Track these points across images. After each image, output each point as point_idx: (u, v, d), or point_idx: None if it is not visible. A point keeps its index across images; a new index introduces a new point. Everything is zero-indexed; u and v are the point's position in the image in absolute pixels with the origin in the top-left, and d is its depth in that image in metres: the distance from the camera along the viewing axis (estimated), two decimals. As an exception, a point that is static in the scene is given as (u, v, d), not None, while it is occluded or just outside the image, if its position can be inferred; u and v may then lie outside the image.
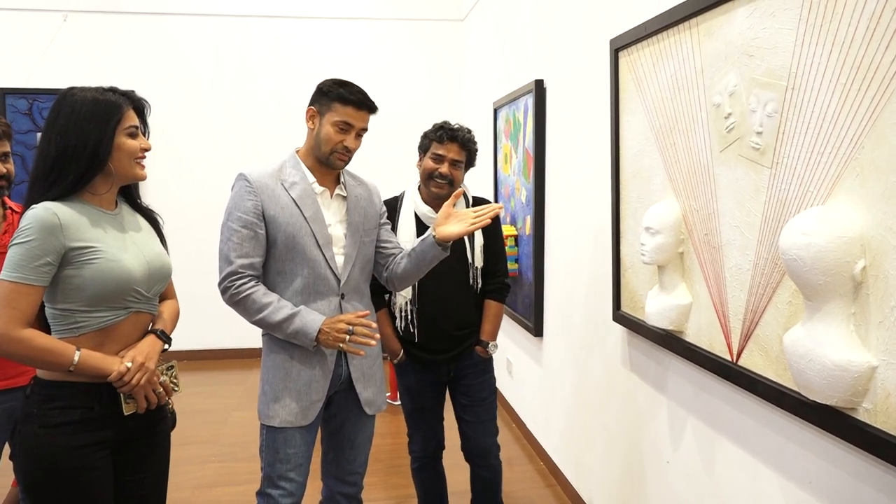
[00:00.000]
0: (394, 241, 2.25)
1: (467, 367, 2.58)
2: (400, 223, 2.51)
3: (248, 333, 5.33)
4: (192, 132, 5.56)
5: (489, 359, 2.61)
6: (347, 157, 2.03)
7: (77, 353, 1.55)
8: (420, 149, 2.53)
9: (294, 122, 5.09)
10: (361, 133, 2.04)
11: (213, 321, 5.36)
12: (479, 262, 2.55)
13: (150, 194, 5.18)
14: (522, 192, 3.89)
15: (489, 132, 4.63)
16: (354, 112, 1.99)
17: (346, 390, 2.11)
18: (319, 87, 2.03)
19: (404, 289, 2.31)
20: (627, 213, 2.42)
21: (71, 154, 1.57)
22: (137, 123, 1.67)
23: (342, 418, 2.15)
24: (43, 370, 1.60)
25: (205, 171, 5.54)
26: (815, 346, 1.38)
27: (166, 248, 1.80)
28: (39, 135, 1.63)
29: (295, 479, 2.04)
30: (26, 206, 1.57)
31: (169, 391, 1.77)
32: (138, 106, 1.69)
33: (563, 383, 3.36)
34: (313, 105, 2.03)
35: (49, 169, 1.57)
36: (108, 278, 1.58)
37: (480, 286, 2.58)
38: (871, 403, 1.32)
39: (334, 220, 2.07)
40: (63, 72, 5.29)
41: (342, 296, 2.05)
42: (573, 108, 3.13)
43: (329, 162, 2.02)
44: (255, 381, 5.07)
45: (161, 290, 1.77)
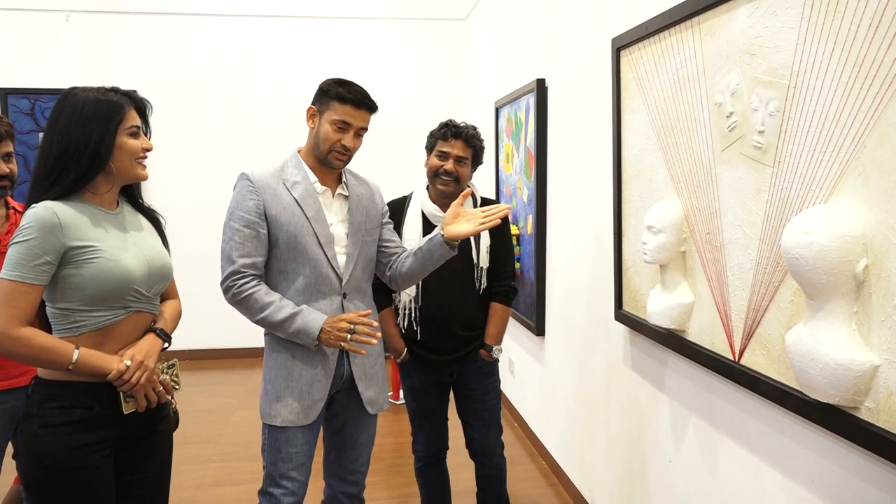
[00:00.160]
0: (396, 241, 2.25)
1: (471, 370, 2.57)
2: (407, 222, 2.50)
3: (249, 333, 5.36)
4: (193, 132, 5.57)
5: (494, 362, 2.60)
6: (346, 156, 2.02)
7: (76, 351, 1.56)
8: (426, 148, 2.54)
9: (295, 122, 5.09)
10: (361, 132, 2.03)
11: (215, 321, 5.37)
12: (485, 263, 2.53)
13: (151, 194, 5.25)
14: (524, 192, 3.89)
15: (491, 131, 4.63)
16: (353, 111, 1.98)
17: (347, 389, 2.11)
18: (320, 87, 2.03)
19: (407, 287, 2.31)
20: (629, 212, 2.42)
21: (72, 153, 1.57)
22: (139, 123, 1.67)
23: (344, 417, 2.15)
24: (43, 370, 1.60)
25: (206, 171, 5.55)
26: (818, 344, 1.38)
27: (168, 248, 1.80)
28: (41, 135, 1.63)
29: (297, 479, 2.04)
30: (27, 206, 1.57)
31: (169, 389, 1.77)
32: (140, 106, 1.69)
33: (565, 382, 3.36)
34: (314, 104, 2.04)
35: (50, 168, 1.58)
36: (107, 278, 1.58)
37: (485, 287, 2.55)
38: (873, 402, 1.32)
39: (336, 219, 2.07)
40: (65, 72, 5.29)
41: (344, 295, 2.05)
42: (575, 108, 3.13)
43: (328, 161, 2.02)
44: (257, 380, 5.07)
45: (161, 290, 1.77)
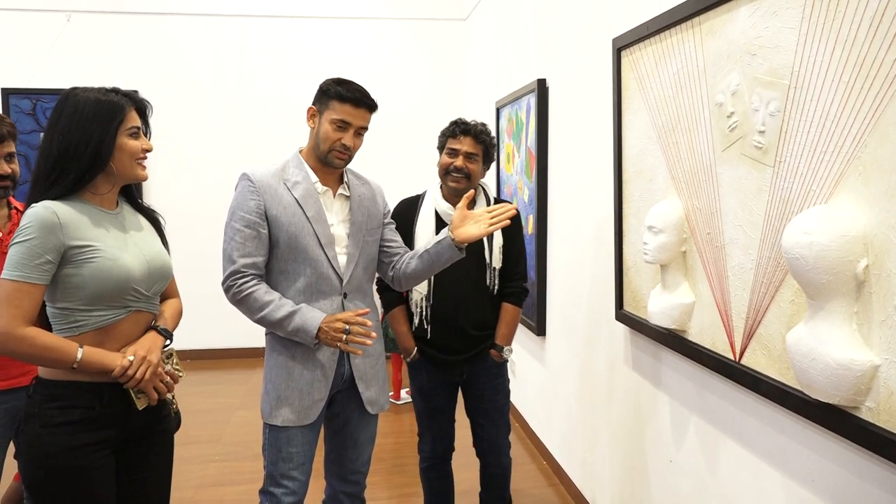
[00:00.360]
0: (398, 241, 2.25)
1: (481, 370, 2.56)
2: (420, 221, 2.50)
3: (250, 333, 5.35)
4: (193, 132, 5.57)
5: (503, 362, 2.59)
6: (346, 155, 2.02)
7: (80, 350, 1.56)
8: (438, 148, 2.55)
9: (295, 122, 5.10)
10: (361, 131, 2.03)
11: (216, 321, 5.37)
12: (497, 263, 2.52)
13: (151, 194, 5.26)
14: (525, 192, 3.89)
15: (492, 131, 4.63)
16: (352, 110, 1.98)
17: (348, 389, 2.12)
18: (320, 86, 2.03)
19: (410, 287, 2.31)
20: (630, 212, 2.42)
21: (73, 154, 1.57)
22: (139, 124, 1.68)
23: (345, 417, 2.15)
24: (44, 369, 1.60)
25: (206, 171, 5.55)
26: (818, 344, 1.37)
27: (167, 248, 1.80)
28: (42, 135, 1.63)
29: (297, 478, 2.04)
30: (27, 205, 1.58)
31: (176, 379, 1.77)
32: (140, 107, 1.70)
33: (566, 382, 3.36)
34: (314, 104, 2.04)
35: (51, 168, 1.58)
36: (106, 277, 1.58)
37: (497, 287, 2.54)
38: (873, 402, 1.32)
39: (337, 219, 2.07)
40: (66, 72, 5.30)
41: (345, 295, 2.05)
42: (576, 108, 3.13)
43: (328, 160, 2.02)
44: (258, 380, 5.06)
45: (161, 290, 1.77)
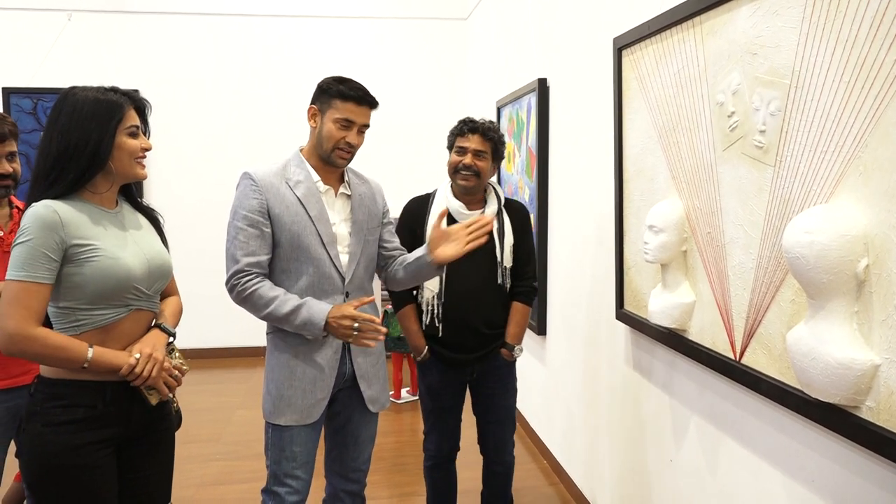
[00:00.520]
0: (395, 242, 2.27)
1: (492, 369, 2.57)
2: (431, 218, 2.49)
3: (250, 332, 5.38)
4: (194, 131, 5.57)
5: (513, 361, 2.60)
6: (350, 153, 2.04)
7: (90, 349, 1.57)
8: (447, 147, 2.55)
9: (297, 121, 5.10)
10: (363, 129, 2.05)
11: (217, 320, 5.39)
12: (509, 262, 2.52)
13: (152, 193, 5.26)
14: (526, 191, 3.89)
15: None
16: (355, 108, 2.00)
17: (349, 388, 2.12)
18: (319, 85, 2.04)
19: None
20: (630, 211, 2.42)
21: (72, 153, 1.57)
22: (138, 123, 1.68)
23: (346, 416, 2.15)
24: (46, 368, 1.61)
25: (207, 171, 5.55)
26: (818, 344, 1.38)
27: (167, 247, 1.80)
28: (41, 134, 1.63)
29: (301, 477, 2.05)
30: (27, 205, 1.58)
31: (182, 371, 1.78)
32: (139, 106, 1.70)
33: (567, 382, 3.36)
34: (314, 103, 2.05)
35: (50, 168, 1.58)
36: (108, 276, 1.59)
37: (509, 286, 2.54)
38: (874, 402, 1.32)
39: (339, 218, 2.08)
40: (67, 71, 5.30)
41: (347, 294, 2.05)
42: (576, 107, 3.13)
43: (331, 159, 2.03)
44: (259, 379, 5.08)
45: (161, 288, 1.77)
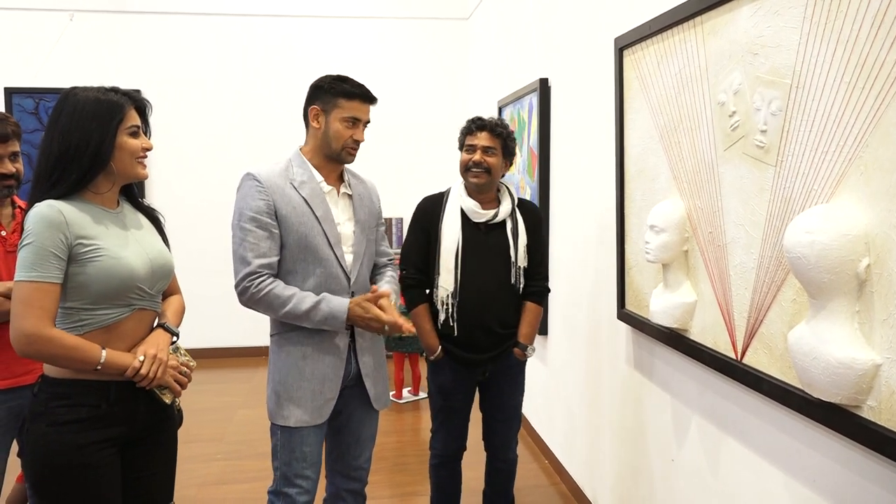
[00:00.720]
0: (383, 246, 2.30)
1: (503, 368, 2.57)
2: (445, 219, 2.49)
3: (252, 332, 5.41)
4: (196, 131, 5.58)
5: (524, 361, 2.60)
6: (356, 150, 2.09)
7: (103, 351, 1.57)
8: (458, 148, 2.56)
9: (298, 121, 5.10)
10: (366, 125, 2.09)
11: (218, 320, 5.39)
12: (523, 262, 2.52)
13: (154, 194, 5.27)
14: (527, 191, 3.89)
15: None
16: (360, 105, 2.05)
17: (352, 387, 2.13)
18: (318, 86, 2.05)
19: None
20: (632, 211, 2.42)
21: (73, 153, 1.58)
22: (139, 123, 1.68)
23: (348, 414, 2.16)
24: (51, 368, 1.61)
25: (209, 171, 5.56)
26: (820, 343, 1.38)
27: (168, 246, 1.81)
28: (43, 134, 1.64)
29: (310, 477, 2.06)
30: (30, 205, 1.58)
31: (190, 367, 1.79)
32: (140, 106, 1.70)
33: (568, 381, 3.36)
34: (315, 104, 2.05)
35: (52, 168, 1.58)
36: (111, 276, 1.59)
37: (523, 286, 2.54)
38: (875, 401, 1.32)
39: (343, 218, 2.09)
40: (69, 71, 5.31)
41: (352, 294, 2.07)
42: (578, 107, 3.13)
43: (340, 157, 2.07)
44: (261, 379, 5.08)
45: (164, 288, 1.78)
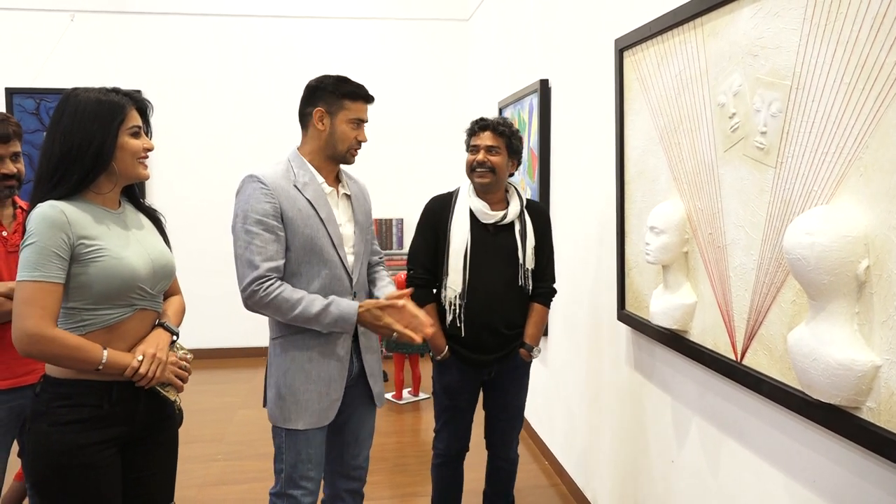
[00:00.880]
0: (375, 245, 2.32)
1: (510, 369, 2.59)
2: (454, 219, 2.49)
3: (252, 332, 5.40)
4: (196, 132, 5.58)
5: (529, 362, 2.61)
6: (359, 150, 2.11)
7: (105, 351, 1.58)
8: (466, 150, 2.56)
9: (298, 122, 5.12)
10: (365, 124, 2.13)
11: (218, 320, 5.39)
12: (531, 264, 2.52)
13: (155, 194, 5.27)
14: (527, 192, 3.89)
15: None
16: (363, 106, 2.07)
17: (352, 386, 2.13)
18: (320, 87, 2.04)
19: None
20: (632, 212, 2.42)
21: (75, 154, 1.58)
22: (140, 123, 1.69)
23: (348, 414, 2.16)
24: (53, 368, 1.61)
25: (210, 171, 5.56)
26: (819, 345, 1.38)
27: (169, 247, 1.81)
28: (44, 135, 1.64)
29: (315, 478, 2.07)
30: (32, 206, 1.58)
31: (188, 360, 1.79)
32: (141, 106, 1.70)
33: (568, 382, 3.36)
34: (320, 105, 2.03)
35: (53, 169, 1.59)
36: (113, 276, 1.59)
37: (531, 287, 2.55)
38: (874, 402, 1.32)
39: (343, 219, 2.10)
40: (70, 71, 5.31)
41: (354, 294, 2.07)
42: (578, 108, 3.14)
43: (345, 159, 2.09)
44: (260, 379, 5.07)
45: (165, 288, 1.78)
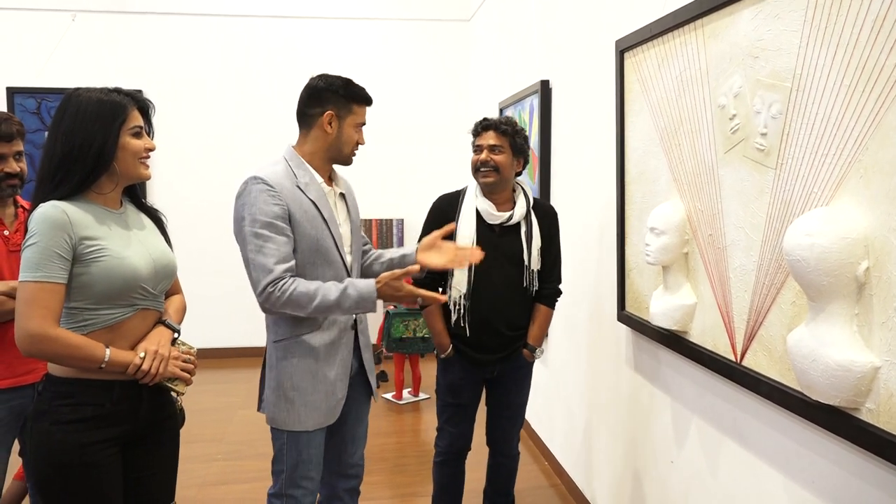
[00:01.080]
0: (365, 237, 2.32)
1: (513, 368, 2.60)
2: (461, 219, 2.49)
3: (252, 332, 5.40)
4: (198, 132, 5.58)
5: (532, 362, 2.62)
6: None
7: (107, 350, 1.58)
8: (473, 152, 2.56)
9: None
10: None
11: (218, 320, 5.40)
12: (536, 266, 2.52)
13: (155, 194, 5.28)
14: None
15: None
16: (366, 108, 2.09)
17: (350, 385, 2.13)
18: (331, 89, 2.00)
19: None
20: (632, 213, 2.43)
21: (76, 154, 1.58)
22: (142, 123, 1.69)
23: (345, 413, 2.15)
24: (56, 367, 1.61)
25: (211, 172, 5.56)
26: (819, 346, 1.38)
27: (170, 247, 1.82)
28: (46, 135, 1.64)
29: (315, 478, 2.07)
30: (33, 206, 1.59)
31: (192, 354, 1.79)
32: (142, 106, 1.71)
33: (568, 383, 3.37)
34: (329, 108, 2.00)
35: (55, 169, 1.59)
36: (115, 276, 1.60)
37: (536, 289, 2.55)
38: (873, 404, 1.32)
39: (341, 218, 2.10)
40: (71, 71, 5.32)
41: None
42: (578, 109, 3.14)
43: (348, 161, 2.10)
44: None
45: (167, 288, 1.79)
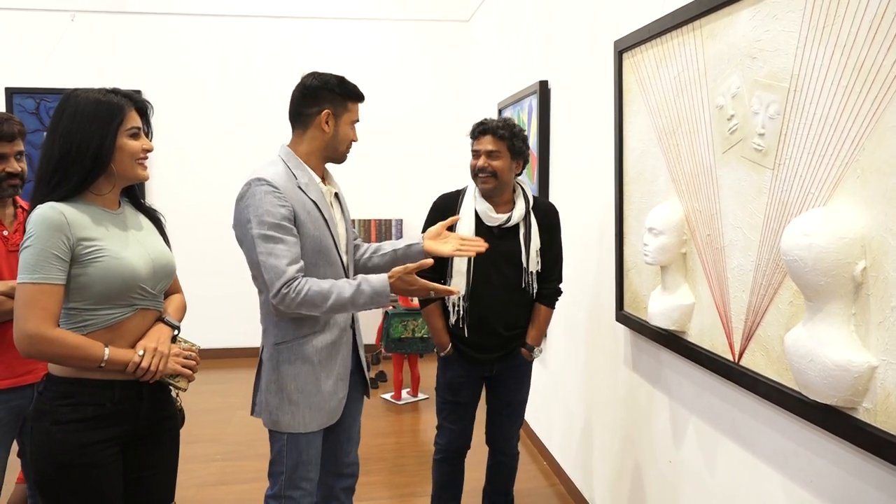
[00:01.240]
0: (354, 232, 2.33)
1: (512, 367, 2.60)
2: (460, 219, 2.49)
3: (252, 332, 5.36)
4: (197, 133, 5.58)
5: (531, 361, 2.62)
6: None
7: (106, 349, 1.59)
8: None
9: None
10: None
11: (218, 320, 5.39)
12: (535, 267, 2.52)
13: (155, 195, 5.28)
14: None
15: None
16: (359, 106, 2.09)
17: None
18: (327, 87, 2.00)
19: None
20: (631, 213, 2.43)
21: (74, 156, 1.59)
22: (139, 124, 1.69)
23: (342, 412, 2.16)
24: (56, 367, 1.62)
25: (209, 172, 5.56)
26: (816, 346, 1.39)
27: (169, 247, 1.82)
28: (44, 136, 1.65)
29: (313, 479, 2.07)
30: (32, 207, 1.59)
31: (195, 351, 1.80)
32: (140, 107, 1.71)
33: (566, 383, 3.37)
34: (327, 107, 2.00)
35: (53, 170, 1.59)
36: (113, 276, 1.60)
37: (535, 290, 2.54)
38: (871, 403, 1.33)
39: (337, 218, 2.10)
40: (70, 71, 5.32)
41: None
42: (577, 110, 3.14)
43: (342, 159, 2.10)
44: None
45: (166, 288, 1.79)
